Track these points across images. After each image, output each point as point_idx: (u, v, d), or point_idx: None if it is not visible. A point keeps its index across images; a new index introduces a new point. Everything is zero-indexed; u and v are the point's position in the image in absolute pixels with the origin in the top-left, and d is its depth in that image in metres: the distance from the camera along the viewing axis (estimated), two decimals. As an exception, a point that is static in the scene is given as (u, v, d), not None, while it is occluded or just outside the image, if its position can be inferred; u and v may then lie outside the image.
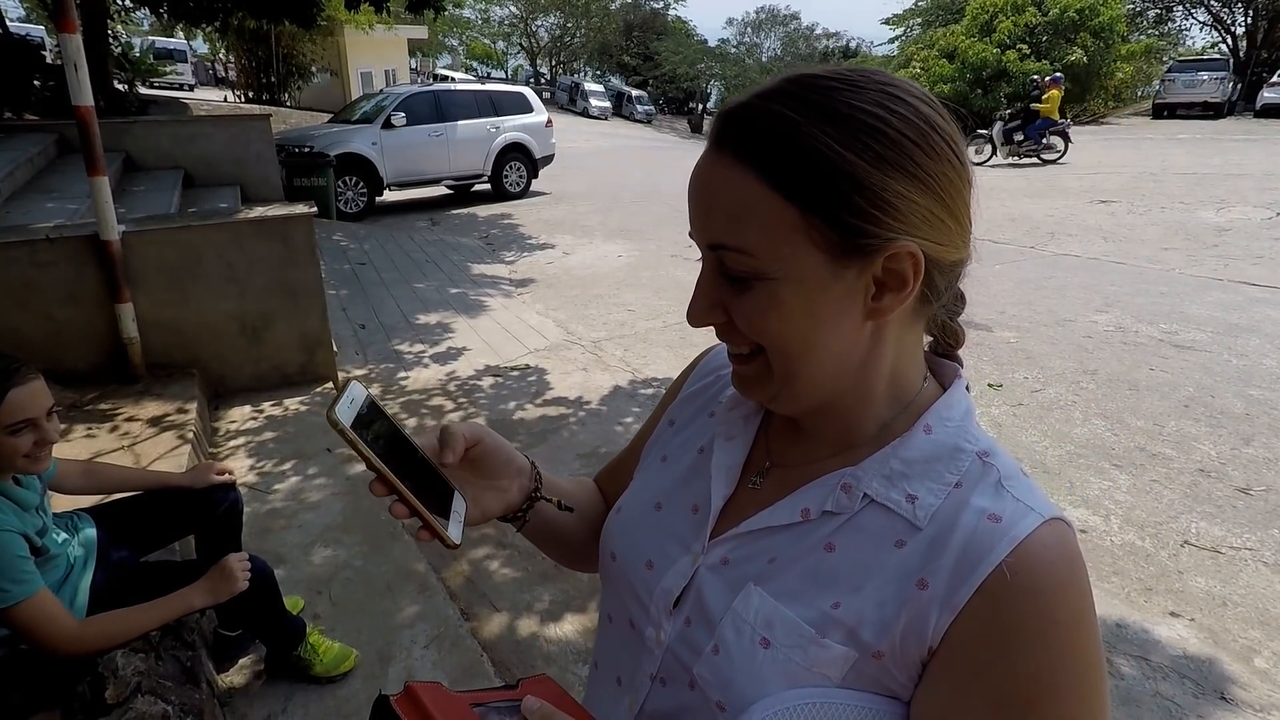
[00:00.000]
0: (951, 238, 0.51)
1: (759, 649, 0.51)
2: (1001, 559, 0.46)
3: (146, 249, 3.43)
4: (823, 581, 0.51)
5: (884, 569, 0.50)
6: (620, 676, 0.62)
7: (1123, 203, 9.65)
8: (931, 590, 0.47)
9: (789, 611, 0.51)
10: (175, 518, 1.89)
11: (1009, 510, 0.48)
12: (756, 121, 0.49)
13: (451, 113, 10.37)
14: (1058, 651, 0.45)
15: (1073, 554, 0.48)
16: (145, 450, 2.89)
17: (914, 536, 0.50)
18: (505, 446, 0.66)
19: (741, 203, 0.49)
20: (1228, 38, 26.12)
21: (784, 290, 0.49)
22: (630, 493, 0.68)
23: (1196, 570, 2.63)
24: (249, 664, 2.07)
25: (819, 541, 0.53)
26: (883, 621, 0.48)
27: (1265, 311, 5.33)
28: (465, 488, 0.62)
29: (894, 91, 0.49)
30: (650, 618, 0.59)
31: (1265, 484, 3.15)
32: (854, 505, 0.52)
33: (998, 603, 0.45)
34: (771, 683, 0.50)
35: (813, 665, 0.49)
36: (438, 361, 4.71)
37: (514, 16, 42.11)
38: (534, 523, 0.69)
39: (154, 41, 20.00)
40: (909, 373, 0.56)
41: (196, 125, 7.02)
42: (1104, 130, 19.73)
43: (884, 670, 0.48)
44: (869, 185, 0.47)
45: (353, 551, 2.58)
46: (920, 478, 0.52)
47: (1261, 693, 2.10)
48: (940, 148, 0.49)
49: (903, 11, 30.92)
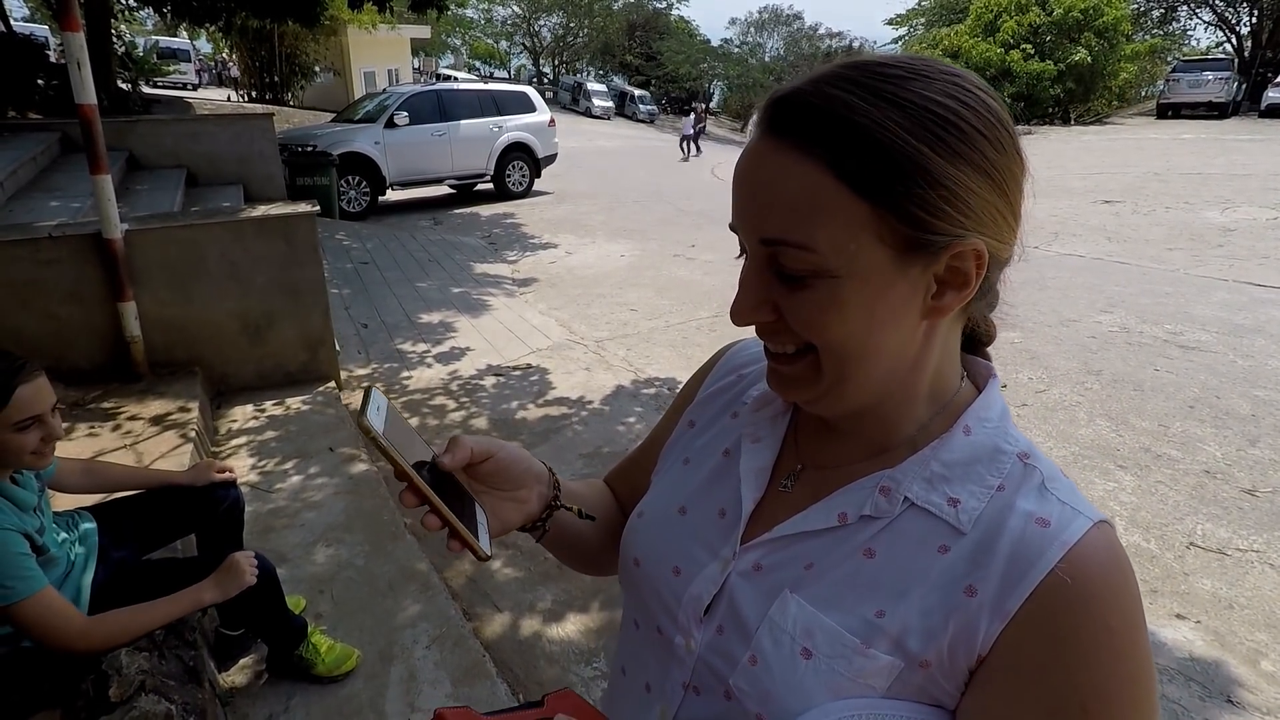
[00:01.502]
0: (1010, 235, 0.50)
1: (800, 659, 0.49)
2: (1054, 564, 0.45)
3: (149, 247, 3.43)
4: (864, 588, 0.50)
5: (928, 575, 0.48)
6: (649, 683, 0.61)
7: (1127, 203, 9.62)
8: (980, 597, 0.46)
9: (829, 620, 0.49)
10: (176, 516, 1.88)
11: (1056, 514, 0.47)
12: (821, 109, 0.46)
13: (454, 112, 10.37)
14: (1113, 659, 0.44)
15: (1122, 558, 0.47)
16: (147, 449, 2.88)
17: (958, 541, 0.48)
18: (523, 457, 0.64)
19: (806, 196, 0.46)
20: (1232, 37, 26.06)
21: (846, 289, 0.47)
22: (652, 496, 0.66)
23: (1202, 572, 2.61)
24: (250, 664, 2.06)
25: (858, 547, 0.51)
26: (929, 630, 0.47)
27: (1271, 312, 5.30)
28: (484, 499, 0.61)
29: (961, 82, 0.47)
30: (679, 625, 0.57)
31: (1272, 485, 3.13)
32: (894, 509, 0.51)
33: (1052, 610, 0.44)
34: (816, 694, 0.48)
35: (858, 676, 0.48)
36: (440, 361, 4.70)
37: (517, 16, 42.11)
38: (552, 531, 0.67)
39: (158, 41, 20.02)
40: (948, 373, 0.55)
41: (200, 124, 7.02)
42: (1108, 130, 19.69)
43: (930, 679, 0.47)
44: (942, 179, 0.45)
45: (354, 551, 2.58)
46: (962, 480, 0.50)
47: (1268, 695, 2.09)
48: (1005, 141, 0.47)
49: (906, 11, 30.93)
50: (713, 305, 5.87)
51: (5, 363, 1.36)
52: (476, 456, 0.59)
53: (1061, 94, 21.92)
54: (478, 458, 0.59)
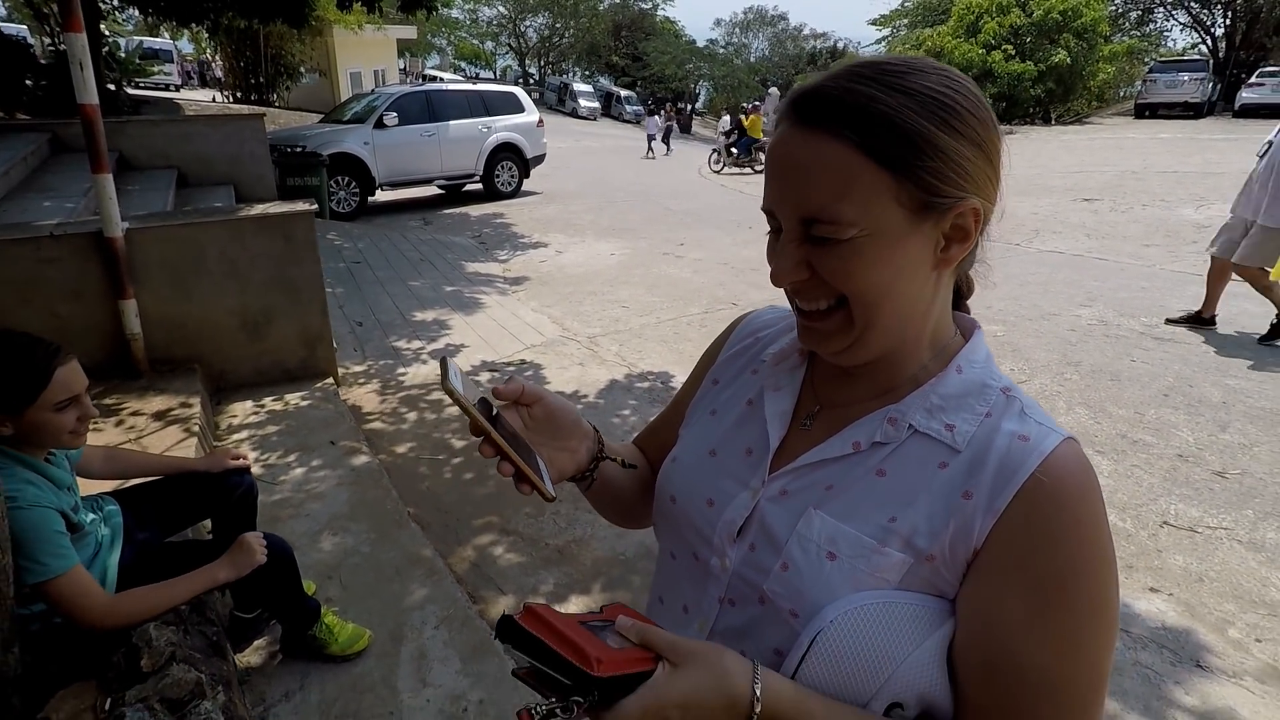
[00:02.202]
0: (995, 195, 0.60)
1: (826, 562, 0.59)
2: (1033, 469, 0.55)
3: (150, 245, 3.47)
4: (877, 501, 0.59)
5: (931, 487, 0.58)
6: (686, 605, 0.69)
7: (1105, 200, 9.83)
8: (975, 500, 0.56)
9: (849, 528, 0.59)
10: (193, 501, 1.94)
11: (1034, 431, 0.57)
12: (847, 101, 0.55)
13: (443, 113, 10.41)
14: (1082, 542, 0.54)
15: (1087, 465, 0.57)
16: (151, 444, 2.93)
17: (954, 459, 0.58)
18: (569, 410, 0.72)
19: (840, 171, 0.54)
20: (1207, 39, 26.55)
21: (871, 244, 0.56)
22: (683, 444, 0.76)
23: (1175, 549, 2.74)
24: (264, 645, 2.13)
25: (871, 469, 0.61)
26: (933, 530, 0.57)
27: (1241, 305, 5.47)
28: (541, 449, 0.69)
29: (950, 74, 0.58)
30: (714, 548, 0.66)
31: (1240, 468, 3.27)
32: (900, 435, 0.61)
33: (1032, 505, 0.54)
34: (840, 588, 0.58)
35: (875, 571, 0.57)
36: (435, 357, 4.76)
37: (502, 17, 42.06)
38: (599, 482, 0.76)
39: (141, 42, 19.85)
40: (945, 322, 0.65)
41: (190, 125, 7.04)
42: (1087, 130, 20.00)
43: (935, 572, 0.57)
44: (947, 151, 0.55)
45: (360, 539, 2.65)
46: (956, 410, 0.60)
47: (1234, 660, 2.21)
48: (990, 118, 0.58)
49: (889, 12, 31.21)
50: (702, 302, 5.97)
51: (43, 347, 1.42)
52: (526, 397, 0.70)
53: (1042, 94, 22.24)
54: (527, 398, 0.70)
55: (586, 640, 0.51)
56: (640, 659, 0.53)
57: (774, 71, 39.94)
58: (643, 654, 0.54)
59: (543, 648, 0.51)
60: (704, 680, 0.53)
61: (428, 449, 3.55)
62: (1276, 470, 3.24)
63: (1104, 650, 0.55)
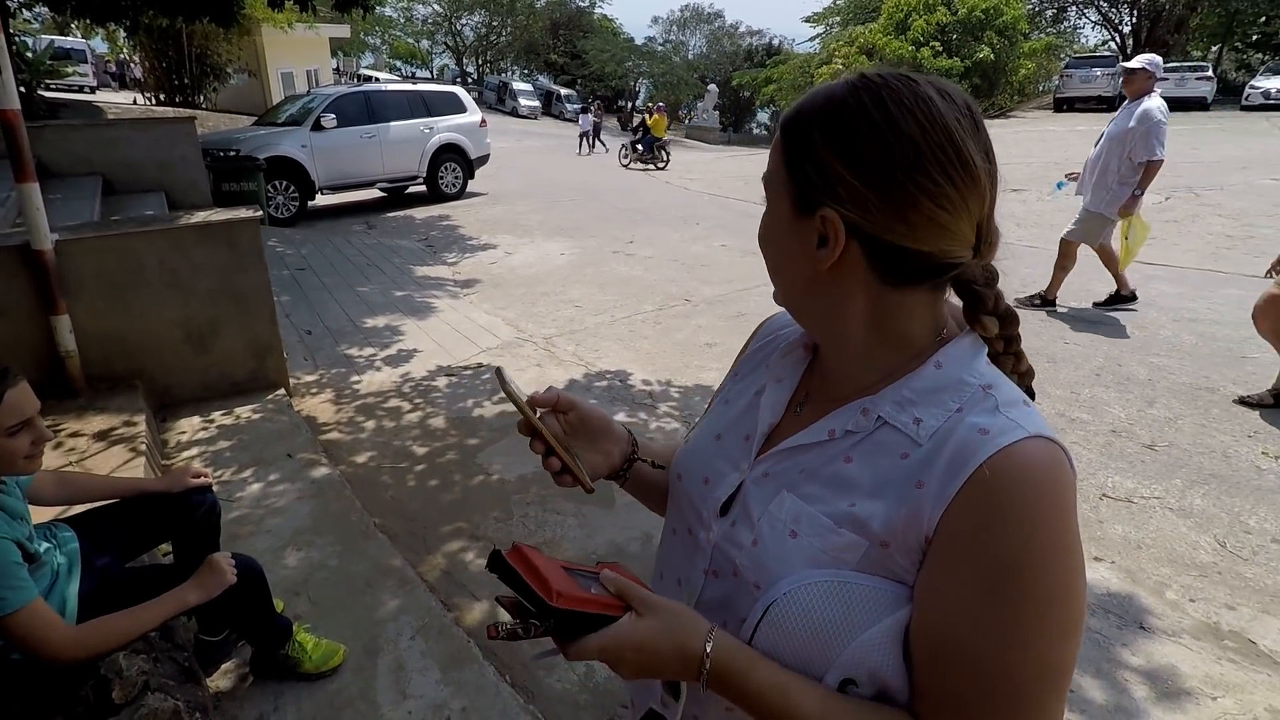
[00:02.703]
0: (885, 222, 0.59)
1: (788, 539, 0.63)
2: (984, 460, 0.55)
3: (82, 257, 3.31)
4: (841, 486, 0.63)
5: (891, 476, 0.60)
6: (680, 578, 0.75)
7: (1032, 190, 10.29)
8: (926, 489, 0.57)
9: (813, 509, 0.63)
10: (153, 523, 1.87)
11: (998, 425, 0.57)
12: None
13: (383, 114, 10.18)
14: (1027, 534, 0.53)
15: (1051, 462, 0.56)
16: (95, 465, 2.80)
17: (916, 451, 0.60)
18: (601, 417, 0.81)
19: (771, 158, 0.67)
20: (1116, 36, 28.03)
21: (767, 220, 0.67)
22: (698, 429, 0.82)
23: (1114, 519, 2.91)
24: (232, 668, 2.07)
25: (839, 455, 0.64)
26: (888, 517, 0.59)
27: (1160, 287, 5.84)
28: (578, 450, 0.78)
29: (869, 84, 0.60)
30: (703, 523, 0.72)
31: (1167, 440, 3.49)
32: (869, 425, 0.63)
33: (979, 494, 0.55)
34: (797, 564, 0.61)
35: (831, 550, 0.60)
36: (389, 364, 4.68)
37: (438, 15, 41.28)
38: (633, 479, 0.85)
39: (53, 41, 18.73)
40: (909, 328, 0.64)
41: (114, 129, 6.71)
42: (1011, 123, 20.87)
43: (890, 557, 0.59)
44: (818, 159, 0.60)
45: (326, 552, 2.59)
46: (927, 404, 0.61)
47: (1172, 620, 2.37)
48: (901, 150, 0.58)
49: (822, 10, 31.87)
50: (655, 299, 6.02)
51: (-8, 370, 1.35)
52: (562, 405, 0.78)
53: (969, 89, 23.00)
54: (562, 406, 0.78)
55: (557, 578, 0.59)
56: (610, 605, 0.61)
57: (712, 69, 40.32)
58: (615, 603, 0.61)
59: (517, 578, 0.60)
60: (661, 630, 0.60)
61: (389, 458, 3.49)
62: (1199, 441, 3.47)
63: (1055, 646, 0.54)
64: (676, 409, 4.01)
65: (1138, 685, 2.12)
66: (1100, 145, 5.11)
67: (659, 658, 0.60)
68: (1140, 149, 4.84)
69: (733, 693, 0.60)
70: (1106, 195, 5.06)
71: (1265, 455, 3.33)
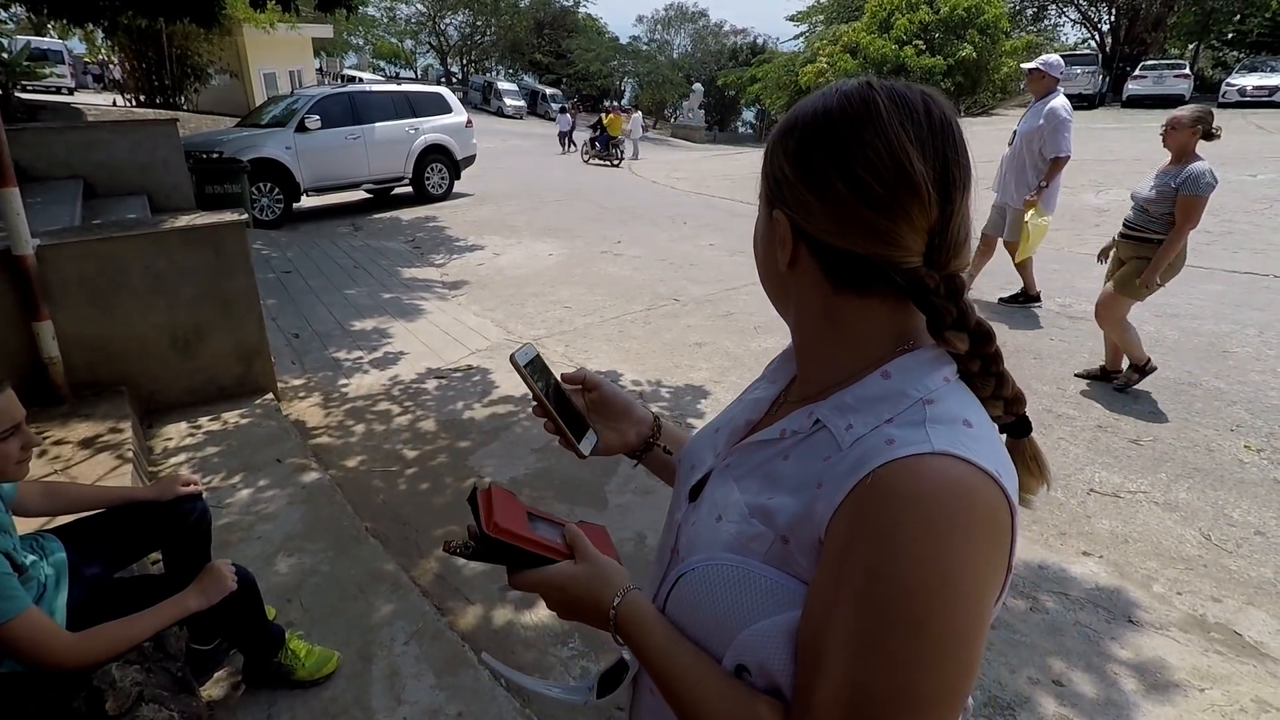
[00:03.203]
0: (823, 224, 0.61)
1: (714, 523, 0.67)
2: (874, 468, 0.54)
3: (65, 263, 3.27)
4: (771, 482, 0.65)
5: (810, 476, 0.61)
6: (658, 555, 0.80)
7: (1017, 189, 10.37)
8: (823, 490, 0.58)
9: (740, 497, 0.66)
10: (143, 532, 1.85)
11: (908, 438, 0.56)
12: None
13: (368, 115, 10.10)
14: (898, 548, 0.51)
15: (951, 483, 0.53)
16: (81, 473, 2.77)
17: (837, 454, 0.60)
18: (622, 398, 0.91)
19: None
20: (1095, 34, 28.35)
21: (760, 216, 0.71)
22: (709, 422, 0.86)
23: (1101, 514, 2.95)
24: (224, 677, 2.05)
25: (780, 452, 0.67)
26: (794, 514, 0.60)
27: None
28: (597, 426, 0.88)
29: (830, 92, 0.63)
30: (679, 504, 0.78)
31: (1152, 435, 3.54)
32: (809, 427, 0.65)
33: (861, 501, 0.54)
34: (714, 546, 0.65)
35: (742, 538, 0.63)
36: (378, 367, 4.65)
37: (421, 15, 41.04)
38: (649, 460, 0.92)
39: (29, 42, 18.43)
40: (865, 334, 0.64)
41: (95, 132, 6.62)
42: (994, 121, 21.05)
43: (791, 554, 0.60)
44: (774, 161, 0.66)
45: (318, 558, 2.57)
46: (863, 412, 0.61)
47: (1160, 613, 2.40)
48: (842, 158, 0.59)
49: (806, 8, 31.95)
50: (645, 299, 6.02)
51: (-21, 379, 1.33)
52: (589, 383, 0.89)
53: (952, 87, 23.25)
54: (589, 385, 0.89)
55: (505, 515, 0.70)
56: (554, 550, 0.71)
57: (697, 68, 40.36)
58: (562, 549, 0.72)
59: (477, 510, 0.71)
60: (585, 577, 0.69)
61: (379, 461, 3.47)
62: (1182, 435, 3.52)
63: (921, 673, 0.51)
64: (667, 409, 4.01)
65: (1127, 678, 2.14)
66: (1015, 143, 5.36)
67: (580, 603, 0.69)
68: (1049, 145, 5.07)
69: (633, 645, 0.67)
70: (1028, 191, 5.26)
71: (1247, 449, 3.38)
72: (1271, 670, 2.16)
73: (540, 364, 0.83)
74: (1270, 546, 2.72)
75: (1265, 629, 2.33)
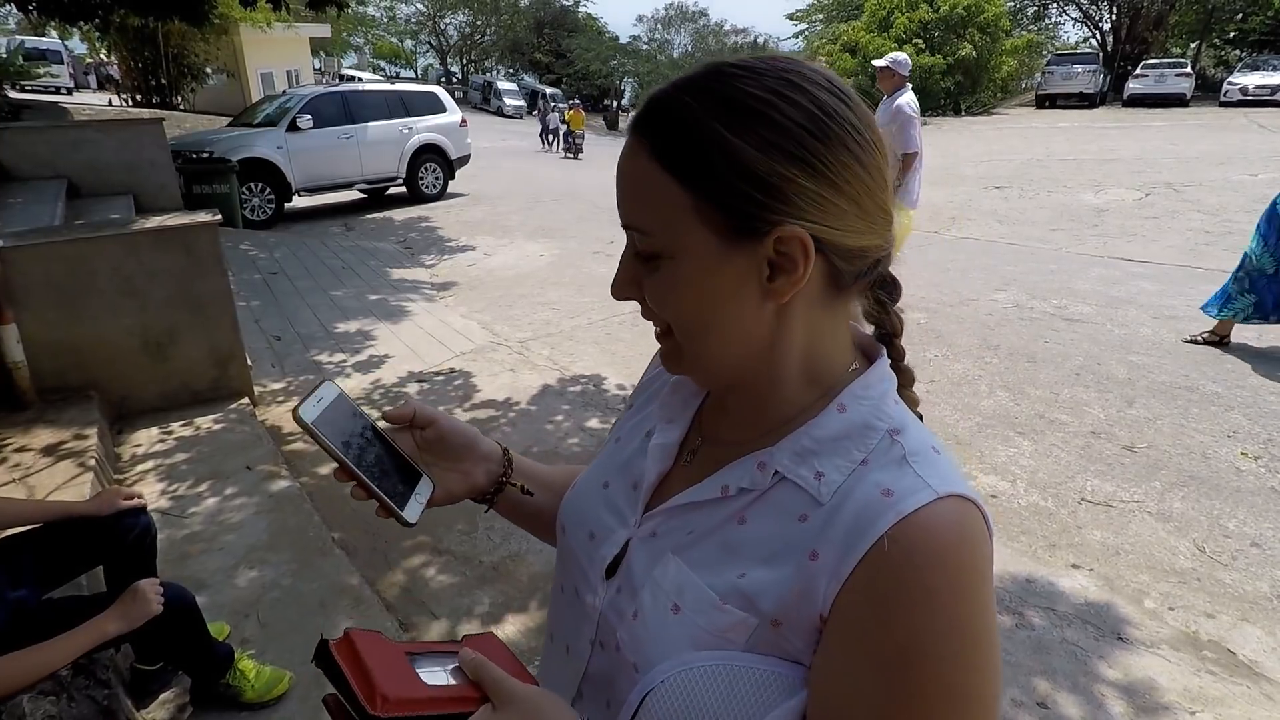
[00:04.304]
0: (849, 223, 0.51)
1: (670, 614, 0.54)
2: (884, 530, 0.47)
3: (30, 264, 3.19)
4: (732, 552, 0.54)
5: (787, 542, 0.52)
6: (569, 645, 0.65)
7: (1014, 188, 10.30)
8: (821, 561, 0.49)
9: (698, 579, 0.54)
10: (80, 549, 1.77)
11: (903, 485, 0.49)
12: (661, 109, 0.52)
13: (361, 114, 10.04)
14: (930, 616, 0.46)
15: (964, 529, 0.48)
16: (41, 481, 2.69)
17: (816, 511, 0.51)
18: (463, 432, 0.71)
19: (643, 184, 0.52)
20: (1096, 33, 28.22)
21: (682, 269, 0.52)
22: (585, 472, 0.72)
23: (1093, 524, 2.86)
24: (172, 698, 1.97)
25: (732, 515, 0.55)
26: (780, 593, 0.50)
27: (1140, 284, 5.82)
28: (432, 469, 0.68)
29: (792, 78, 0.50)
30: (590, 585, 0.63)
31: (1147, 441, 3.45)
32: (766, 481, 0.55)
33: (877, 572, 0.47)
34: (679, 645, 0.52)
35: (717, 630, 0.52)
36: (360, 370, 4.57)
37: (421, 14, 41.02)
38: (503, 504, 0.75)
39: (23, 41, 18.40)
40: (829, 356, 0.57)
41: (79, 131, 6.55)
42: (994, 120, 20.95)
43: (783, 637, 0.51)
44: (753, 170, 0.49)
45: (281, 571, 2.49)
46: (829, 455, 0.53)
47: (1151, 630, 2.31)
48: (836, 134, 0.50)
49: (806, 7, 31.87)
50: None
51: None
52: (419, 420, 0.68)
53: (952, 86, 23.15)
54: (420, 421, 0.68)
55: (388, 677, 0.49)
56: (461, 699, 0.51)
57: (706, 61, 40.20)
58: (471, 694, 0.52)
59: (342, 677, 0.49)
60: None
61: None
62: (1178, 442, 3.43)
63: None
64: (651, 414, 3.92)
65: (1115, 700, 2.06)
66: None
67: None
68: (899, 142, 5.00)
69: None
70: None
71: (1244, 456, 3.29)
72: (1266, 692, 2.07)
73: (345, 407, 0.64)
74: (1267, 559, 2.62)
75: (1260, 647, 2.24)
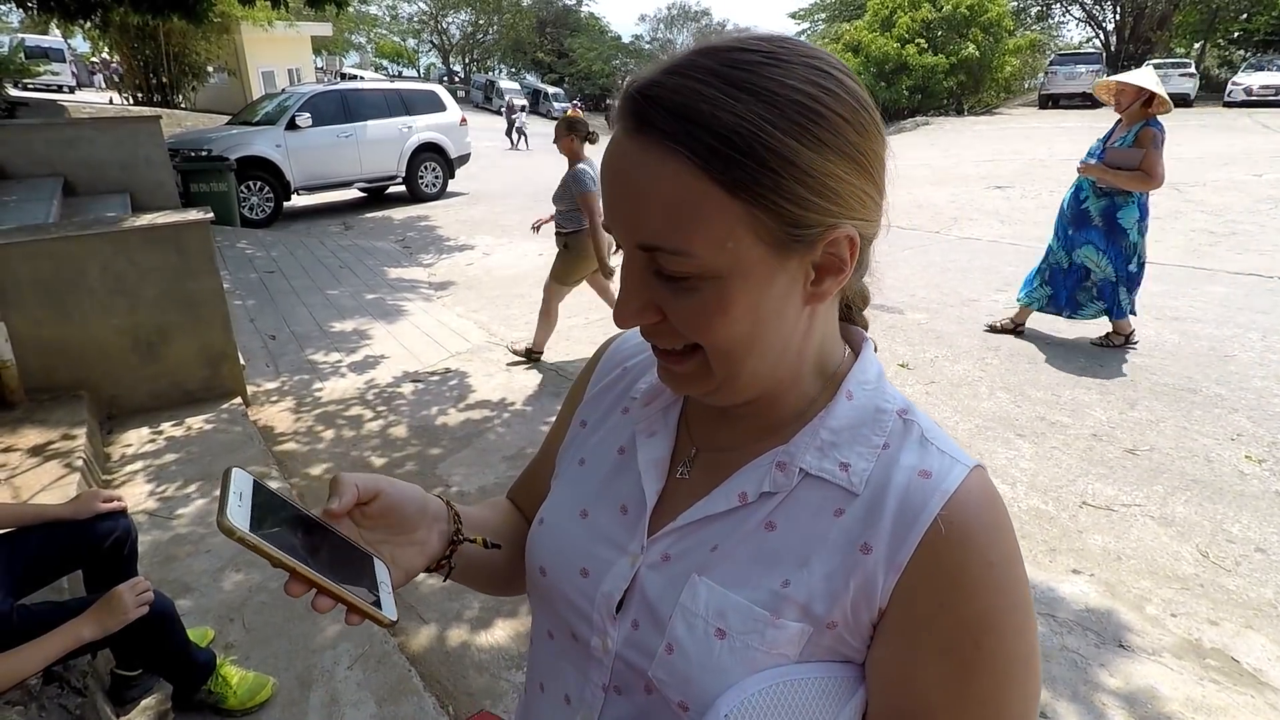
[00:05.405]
0: (877, 213, 0.51)
1: (715, 640, 0.49)
2: (936, 513, 0.47)
3: (18, 263, 3.16)
4: (768, 561, 0.51)
5: (826, 539, 0.50)
6: (568, 695, 0.59)
7: (1016, 188, 10.23)
8: (875, 553, 0.48)
9: (739, 597, 0.50)
10: (56, 553, 1.74)
11: (936, 465, 0.50)
12: (683, 104, 0.44)
13: (360, 112, 10.01)
14: (995, 591, 0.47)
15: (995, 497, 0.50)
16: (26, 482, 2.66)
17: (851, 503, 0.50)
18: (413, 495, 0.59)
19: (680, 200, 0.44)
20: (1100, 33, 28.13)
21: (729, 289, 0.46)
22: (551, 503, 0.64)
23: (1094, 528, 2.81)
24: (153, 705, 1.93)
25: (760, 522, 0.52)
26: (832, 592, 0.49)
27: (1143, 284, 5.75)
28: (382, 548, 0.56)
29: (820, 65, 0.47)
30: (594, 627, 0.56)
31: (1149, 444, 3.40)
32: (791, 482, 0.52)
33: (937, 554, 0.47)
34: (734, 672, 0.48)
35: (771, 647, 0.49)
36: (355, 370, 4.53)
37: (423, 13, 41.03)
38: (461, 567, 0.63)
39: (24, 39, 18.41)
40: (830, 346, 0.56)
41: (76, 129, 6.52)
42: (998, 120, 20.87)
43: (838, 639, 0.49)
44: (811, 171, 0.44)
45: (266, 575, 2.45)
46: (850, 444, 0.52)
47: (1153, 638, 2.27)
48: (867, 123, 0.48)
49: (808, 6, 31.81)
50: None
51: None
52: (364, 495, 0.55)
53: (954, 86, 23.08)
54: (365, 496, 0.55)
55: None
56: None
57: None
58: None
59: None
60: None
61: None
62: (1180, 444, 3.38)
63: (1029, 706, 0.49)
64: (648, 415, 3.88)
65: (1116, 709, 2.01)
66: None
67: None
68: None
69: None
70: None
71: (1248, 459, 3.24)
72: (1271, 701, 2.03)
73: (269, 499, 0.52)
74: (1271, 565, 2.58)
75: (1265, 655, 2.19)
